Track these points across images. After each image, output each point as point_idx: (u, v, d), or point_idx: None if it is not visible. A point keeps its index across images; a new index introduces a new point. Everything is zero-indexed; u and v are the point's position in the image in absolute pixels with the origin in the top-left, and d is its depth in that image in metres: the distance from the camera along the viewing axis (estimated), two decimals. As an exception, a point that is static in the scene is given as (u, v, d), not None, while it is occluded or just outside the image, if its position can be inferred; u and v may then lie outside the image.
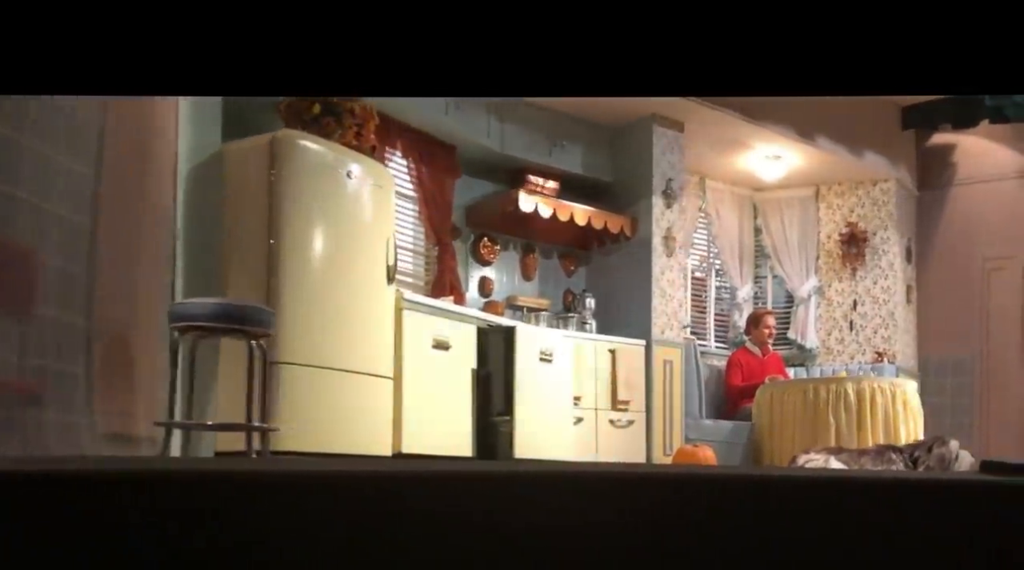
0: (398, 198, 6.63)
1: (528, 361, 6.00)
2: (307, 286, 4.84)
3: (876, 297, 8.86)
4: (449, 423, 5.70)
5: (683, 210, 7.85)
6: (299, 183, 4.83)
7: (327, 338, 4.91)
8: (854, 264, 8.95)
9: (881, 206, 8.93)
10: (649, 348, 7.29)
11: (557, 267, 7.74)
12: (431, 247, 6.77)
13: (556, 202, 7.07)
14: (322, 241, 4.93)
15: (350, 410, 5.03)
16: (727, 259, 9.04)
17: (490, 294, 7.21)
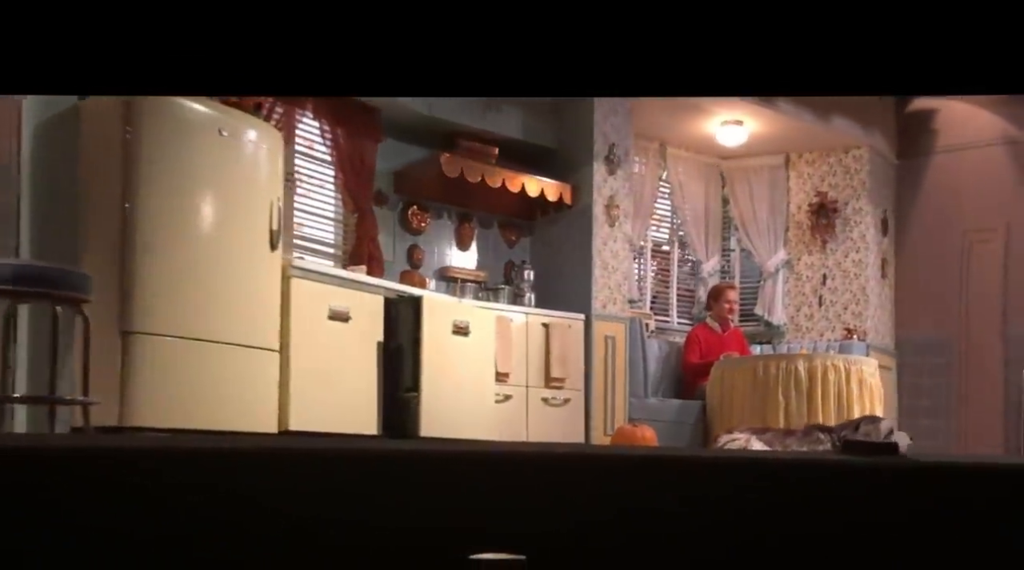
0: (312, 162, 6.29)
1: (439, 334, 5.63)
2: (168, 252, 4.49)
3: (847, 271, 8.39)
4: (349, 399, 5.35)
5: (631, 178, 7.42)
6: (159, 142, 4.47)
7: (194, 307, 4.56)
8: (824, 236, 8.48)
9: (853, 175, 8.44)
10: (589, 323, 6.89)
11: (497, 237, 7.35)
12: (350, 215, 6.40)
13: (485, 167, 6.67)
14: (188, 205, 4.57)
15: (226, 384, 4.70)
16: (691, 231, 8.60)
17: (419, 265, 6.84)
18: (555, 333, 6.59)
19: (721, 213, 8.80)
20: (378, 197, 6.62)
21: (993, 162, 8.44)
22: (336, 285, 5.33)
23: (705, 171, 8.69)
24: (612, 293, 7.04)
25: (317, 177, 6.38)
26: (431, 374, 5.53)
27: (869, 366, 6.86)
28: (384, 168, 6.68)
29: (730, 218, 8.79)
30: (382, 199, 6.65)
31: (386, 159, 6.67)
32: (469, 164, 6.54)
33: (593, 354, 6.86)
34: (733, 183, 8.74)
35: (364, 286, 5.51)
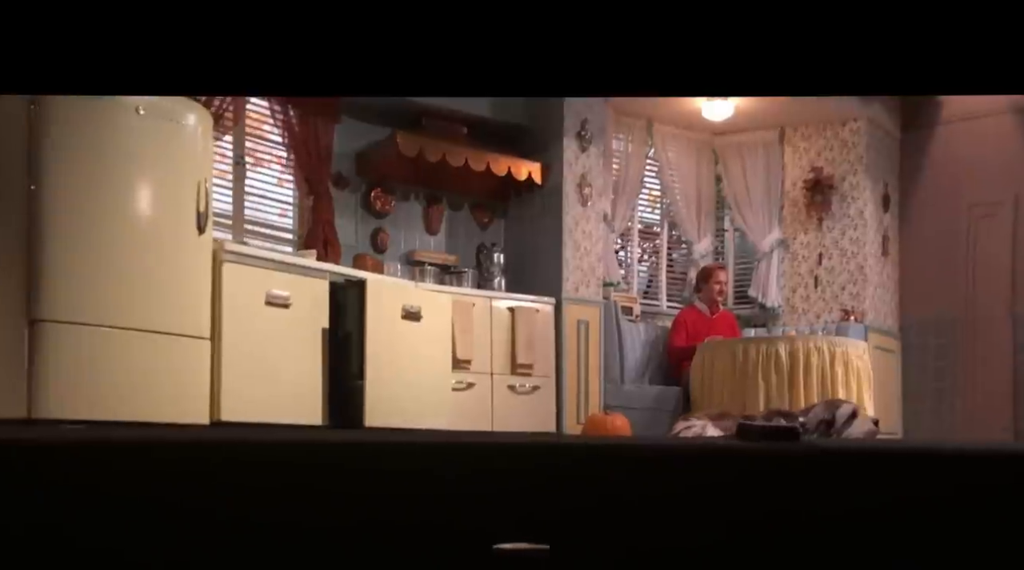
0: (264, 144, 6.09)
1: (386, 319, 5.40)
2: (81, 237, 4.30)
3: (844, 250, 8.02)
4: (290, 388, 5.14)
5: (606, 155, 7.13)
6: (68, 119, 4.28)
7: (111, 294, 4.37)
8: (820, 213, 8.11)
9: (850, 149, 8.06)
10: (559, 307, 6.62)
11: (469, 220, 7.10)
12: (304, 198, 6.19)
13: (447, 146, 6.42)
14: (103, 186, 4.38)
15: (151, 373, 4.50)
16: (681, 210, 8.28)
17: (384, 249, 6.62)
18: (521, 318, 6.34)
19: (714, 192, 8.47)
20: (338, 179, 6.41)
21: (1000, 132, 8.02)
22: (274, 270, 5.11)
23: (696, 148, 8.36)
24: (585, 275, 6.77)
25: (270, 160, 6.17)
26: (377, 361, 5.31)
27: (856, 348, 6.53)
28: (346, 149, 6.47)
29: (723, 197, 8.46)
30: (343, 182, 6.44)
31: (348, 140, 6.46)
32: (429, 143, 6.30)
33: (564, 339, 6.60)
34: (726, 160, 8.40)
35: (306, 270, 5.28)
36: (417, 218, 6.84)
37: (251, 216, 6.02)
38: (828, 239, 8.07)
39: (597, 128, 6.86)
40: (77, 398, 4.24)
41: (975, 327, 8.04)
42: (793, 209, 8.23)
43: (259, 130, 6.07)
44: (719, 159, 8.41)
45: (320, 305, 5.34)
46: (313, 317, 5.29)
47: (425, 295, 5.73)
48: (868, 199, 7.99)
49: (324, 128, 6.16)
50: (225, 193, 5.87)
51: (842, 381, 6.33)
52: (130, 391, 4.45)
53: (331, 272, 5.44)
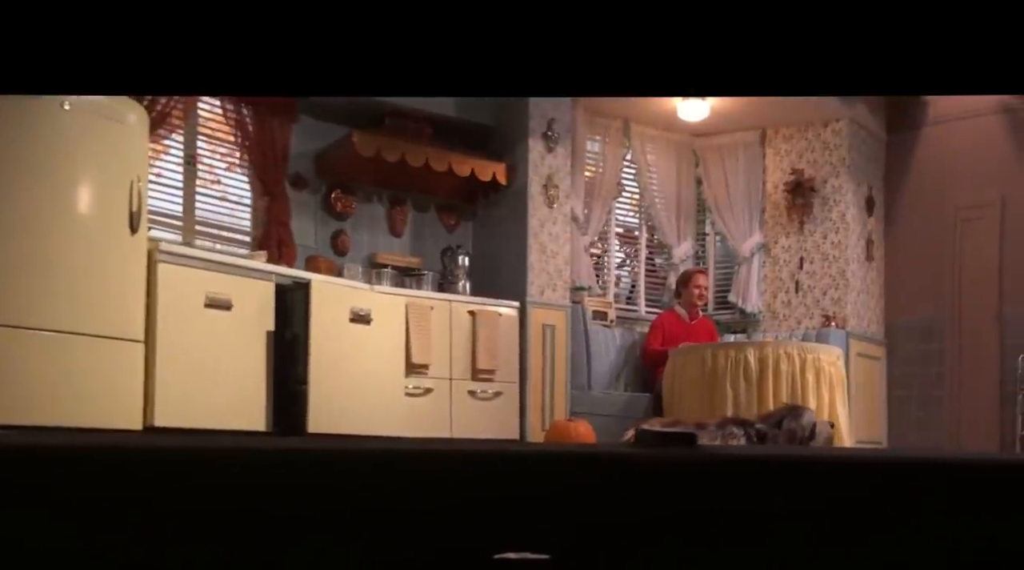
0: (218, 144, 5.96)
1: (332, 322, 5.26)
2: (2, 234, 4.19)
3: (826, 254, 7.82)
4: (230, 393, 5.00)
5: (573, 156, 6.96)
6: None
7: (35, 295, 4.26)
8: (802, 217, 7.91)
9: (833, 150, 7.86)
10: (524, 311, 6.46)
11: (435, 222, 6.95)
12: (259, 199, 6.06)
13: (407, 146, 6.28)
14: (22, 184, 4.26)
15: (78, 377, 4.38)
16: (660, 214, 8.11)
17: (345, 251, 6.47)
18: (482, 322, 6.17)
19: (695, 194, 8.29)
20: (296, 180, 6.27)
21: (988, 133, 7.80)
22: (215, 271, 4.98)
23: (676, 150, 8.19)
24: (551, 279, 6.60)
25: (223, 160, 6.05)
26: (322, 365, 5.17)
27: (829, 354, 6.33)
28: (306, 150, 6.34)
29: (704, 200, 8.28)
30: (301, 182, 6.31)
31: (307, 140, 6.33)
32: (387, 143, 6.16)
33: (529, 344, 6.43)
34: (706, 162, 8.22)
35: (249, 272, 5.15)
36: (380, 220, 6.70)
37: (203, 217, 5.88)
38: (810, 243, 7.87)
39: (564, 128, 6.70)
40: (2, 402, 4.12)
41: (961, 333, 7.82)
42: (774, 212, 8.04)
43: (212, 129, 5.93)
44: (700, 161, 8.23)
45: (265, 308, 5.20)
46: (257, 320, 5.15)
47: (377, 298, 5.58)
48: (851, 202, 7.79)
49: (281, 128, 6.03)
50: (175, 194, 5.74)
51: (813, 388, 6.13)
52: (58, 395, 4.32)
53: (277, 274, 5.29)
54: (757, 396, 6.11)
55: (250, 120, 5.88)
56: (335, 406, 5.19)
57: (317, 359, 5.14)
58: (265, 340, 5.18)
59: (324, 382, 5.15)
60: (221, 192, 6.02)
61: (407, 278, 6.29)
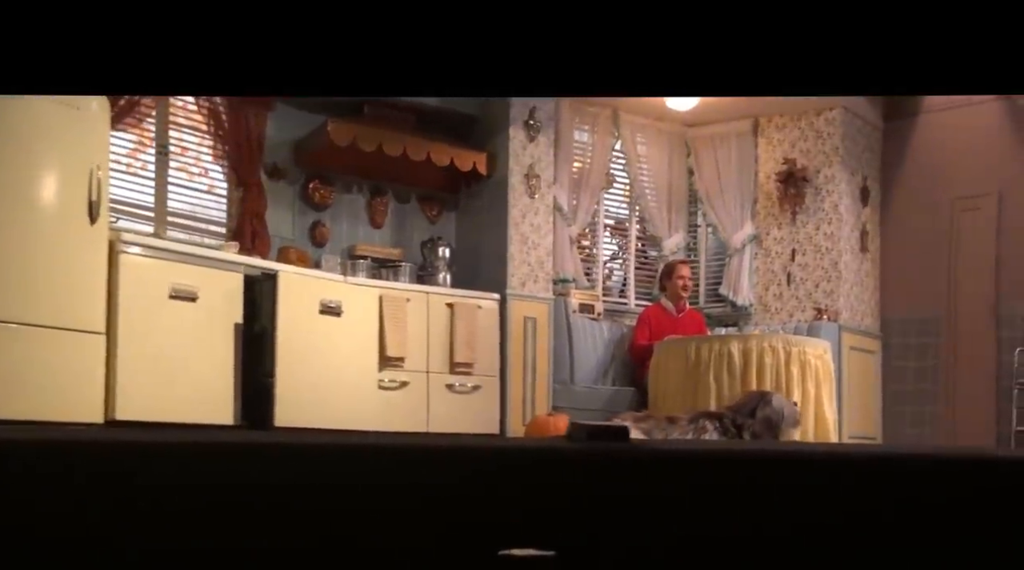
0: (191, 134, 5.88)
1: (301, 314, 5.18)
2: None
3: (818, 245, 7.68)
4: (197, 386, 4.93)
5: (556, 145, 6.84)
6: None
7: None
8: (794, 208, 7.77)
9: (825, 139, 7.71)
10: (504, 303, 6.35)
11: (417, 213, 6.85)
12: (234, 190, 5.97)
13: (385, 135, 6.18)
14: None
15: (36, 369, 4.32)
16: (650, 205, 7.98)
17: (324, 242, 6.39)
18: (460, 314, 6.07)
19: (687, 185, 8.16)
20: (274, 171, 6.19)
21: (986, 120, 7.64)
22: (180, 262, 4.90)
23: (668, 140, 8.06)
24: (533, 270, 6.50)
25: (197, 149, 5.96)
26: (289, 357, 5.09)
27: (815, 347, 6.19)
28: (284, 139, 6.26)
29: (695, 190, 8.14)
30: (278, 173, 6.22)
31: (285, 130, 6.24)
32: (364, 131, 6.06)
33: (509, 337, 6.32)
34: (698, 152, 8.09)
35: (217, 263, 5.07)
36: (360, 211, 6.60)
37: (177, 209, 5.80)
38: (802, 234, 7.73)
39: (546, 117, 6.59)
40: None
41: (957, 326, 7.67)
42: (767, 203, 7.90)
43: (185, 119, 5.85)
44: (691, 151, 8.10)
45: (233, 299, 5.12)
46: (225, 312, 5.08)
47: (349, 289, 5.49)
48: (844, 192, 7.64)
49: (256, 117, 5.95)
50: (147, 184, 5.66)
51: (798, 381, 6.00)
52: (15, 388, 4.26)
53: (246, 265, 5.21)
54: (741, 389, 5.98)
55: (224, 110, 5.79)
56: (303, 399, 5.11)
57: (285, 351, 5.06)
58: (233, 332, 5.10)
59: (292, 375, 5.07)
60: (195, 183, 5.93)
61: (384, 270, 6.20)
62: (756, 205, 7.93)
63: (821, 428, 6.12)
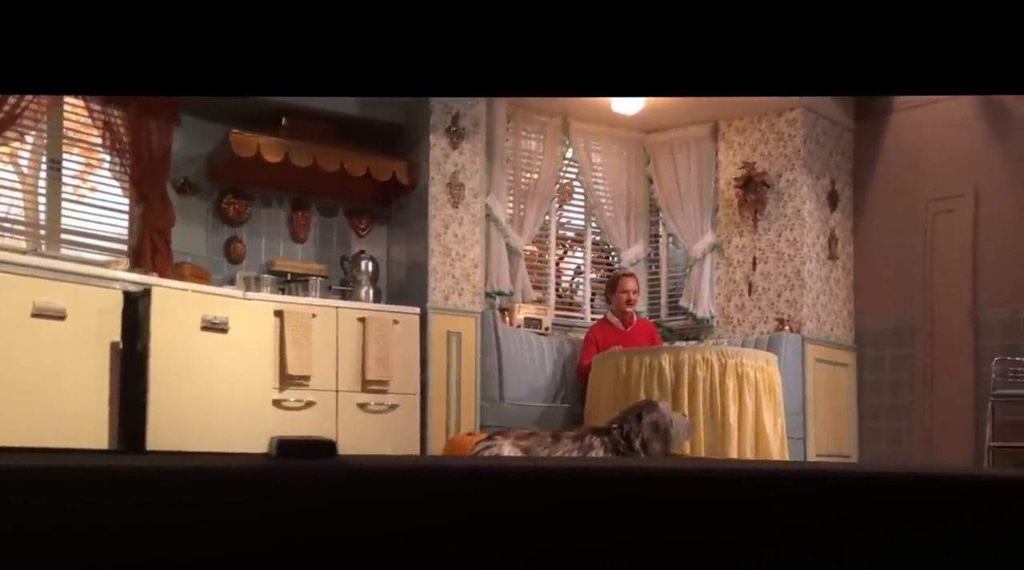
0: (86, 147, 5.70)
1: (180, 331, 4.93)
2: None
3: (781, 253, 7.26)
4: (67, 408, 4.68)
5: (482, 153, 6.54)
6: None
7: None
8: (755, 214, 7.37)
9: (787, 141, 7.31)
10: (425, 317, 6.05)
11: (344, 226, 6.59)
12: (135, 205, 5.77)
13: (291, 145, 5.94)
14: None
15: None
16: (605, 215, 7.64)
17: (240, 259, 6.15)
18: (373, 329, 5.78)
19: (646, 193, 7.80)
20: (184, 186, 5.98)
21: (960, 116, 7.17)
22: (44, 278, 4.67)
23: (626, 147, 7.73)
24: (458, 283, 6.19)
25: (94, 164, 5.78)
26: (166, 377, 4.83)
27: (755, 359, 5.79)
28: (196, 153, 6.06)
29: (655, 199, 7.78)
30: (190, 188, 6.01)
31: (196, 144, 6.04)
32: (269, 142, 5.82)
33: (431, 353, 6.01)
34: (657, 159, 7.73)
35: (89, 280, 4.84)
36: (281, 225, 6.36)
37: (73, 226, 5.61)
38: (764, 242, 7.32)
39: (471, 123, 6.29)
40: None
41: (934, 336, 7.18)
42: (728, 210, 7.51)
43: (79, 132, 5.67)
44: (650, 158, 7.75)
45: (110, 317, 4.89)
46: (99, 330, 4.84)
47: (240, 305, 5.23)
48: (807, 196, 7.22)
49: (160, 130, 5.74)
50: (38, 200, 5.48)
51: (734, 395, 5.61)
52: None
53: (124, 281, 4.98)
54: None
55: (121, 122, 5.59)
56: (182, 420, 4.84)
57: (160, 371, 4.81)
58: (109, 352, 4.86)
59: (168, 396, 4.82)
60: (93, 199, 5.74)
61: (294, 285, 5.93)
62: (717, 213, 7.55)
63: (762, 444, 5.71)
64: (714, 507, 1.23)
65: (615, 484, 1.34)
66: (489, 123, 6.66)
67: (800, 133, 7.24)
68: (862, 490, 1.32)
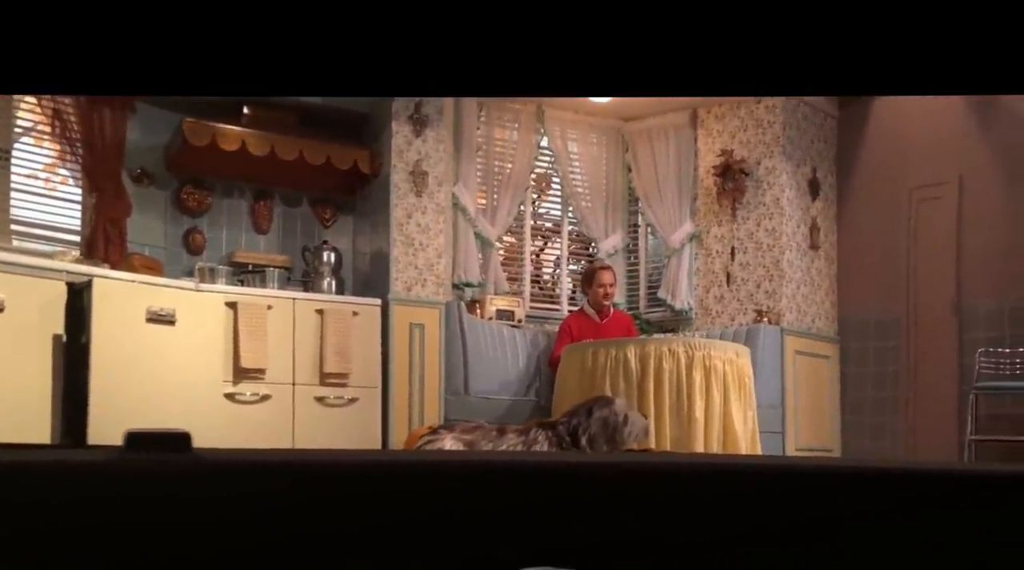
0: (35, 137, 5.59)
1: (124, 323, 4.81)
2: None
3: (760, 242, 7.09)
4: (3, 402, 4.57)
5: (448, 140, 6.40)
6: None
7: None
8: (734, 203, 7.20)
9: (766, 128, 7.14)
10: (386, 309, 5.91)
11: (309, 217, 6.46)
12: (88, 196, 5.66)
13: (246, 134, 5.81)
14: None
15: None
16: (582, 205, 7.48)
17: (199, 250, 6.04)
18: (331, 321, 5.65)
19: (625, 183, 7.64)
20: (141, 175, 5.86)
21: (944, 104, 6.99)
22: (-19, 270, 4.57)
23: (604, 136, 7.57)
24: (421, 273, 6.05)
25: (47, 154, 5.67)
26: (108, 370, 4.72)
27: (724, 351, 5.63)
28: (154, 143, 5.94)
29: (633, 188, 7.62)
30: (147, 178, 5.89)
31: (154, 133, 5.92)
32: (224, 131, 5.70)
33: (393, 345, 5.88)
34: (636, 147, 7.57)
35: (30, 270, 4.72)
36: (243, 216, 6.24)
37: (25, 217, 5.50)
38: (743, 231, 7.15)
39: (435, 110, 6.15)
40: None
41: (918, 327, 7.00)
42: (707, 199, 7.34)
43: (29, 121, 5.56)
44: (629, 147, 7.59)
45: (53, 309, 4.77)
46: (42, 322, 4.73)
47: (190, 297, 5.11)
48: (787, 184, 7.05)
49: (114, 118, 5.63)
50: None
51: (700, 388, 5.45)
52: None
53: (68, 273, 4.86)
54: (639, 397, 5.47)
55: (72, 111, 5.48)
56: (127, 414, 4.72)
57: (101, 363, 4.69)
58: (52, 344, 4.75)
59: (110, 389, 4.70)
60: (44, 189, 5.64)
61: (252, 276, 5.81)
62: (696, 202, 7.38)
63: (730, 438, 5.56)
64: (691, 503, 1.19)
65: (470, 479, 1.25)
66: (457, 111, 6.53)
67: (779, 120, 7.07)
68: (838, 486, 1.27)
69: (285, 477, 1.43)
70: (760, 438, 5.79)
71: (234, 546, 1.31)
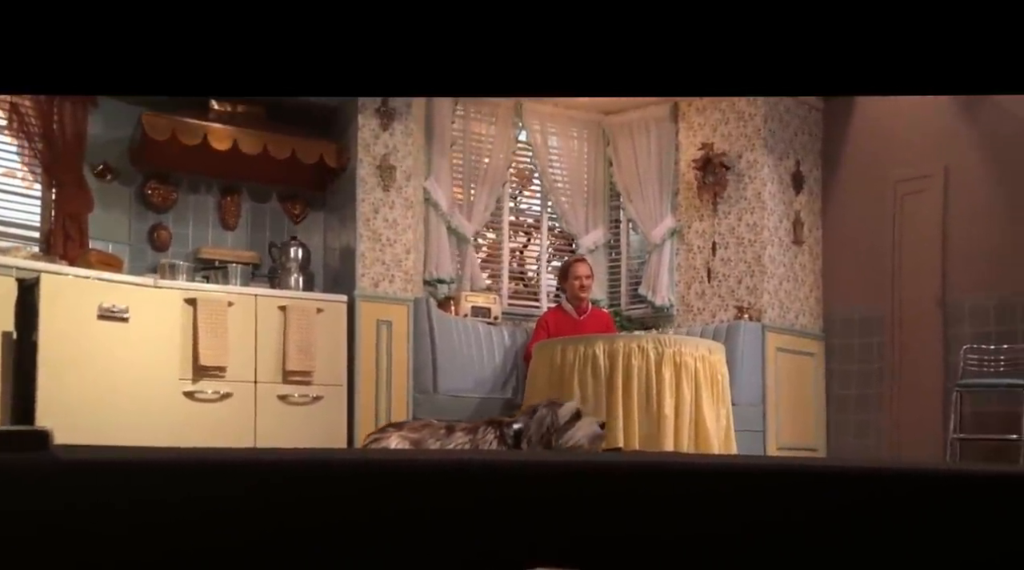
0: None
1: (74, 320, 4.72)
2: None
3: (741, 237, 6.95)
4: (-49, 400, 4.50)
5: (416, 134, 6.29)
6: None
7: None
8: (715, 197, 7.06)
9: (747, 121, 7.00)
10: (353, 305, 5.80)
11: (278, 212, 6.36)
12: (47, 191, 5.57)
13: (210, 128, 5.71)
14: None
15: None
16: (561, 199, 7.36)
17: (165, 247, 5.94)
18: (294, 318, 5.54)
19: (606, 177, 7.52)
20: (104, 170, 5.77)
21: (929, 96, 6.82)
22: (-75, 265, 4.48)
23: (584, 130, 7.45)
24: (389, 270, 5.93)
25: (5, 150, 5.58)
26: (57, 368, 4.62)
27: (695, 348, 5.49)
28: (117, 137, 5.85)
29: (615, 183, 7.50)
30: (110, 172, 5.80)
31: (117, 127, 5.83)
32: (185, 125, 5.60)
33: (359, 342, 5.77)
34: (617, 141, 7.44)
35: (-25, 266, 4.64)
36: (210, 212, 6.14)
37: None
38: (724, 226, 7.01)
39: (403, 103, 6.04)
40: None
41: (903, 323, 6.85)
42: (688, 194, 7.21)
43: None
44: (610, 141, 7.46)
45: (2, 306, 4.68)
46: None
47: (144, 293, 5.01)
48: (768, 178, 6.91)
49: (75, 112, 5.54)
50: (-56, 186, 5.30)
51: (670, 385, 5.32)
52: None
53: (17, 268, 4.77)
54: (607, 394, 5.35)
55: (30, 105, 5.39)
56: (78, 412, 4.63)
57: (51, 361, 4.60)
58: (1, 342, 4.66)
59: (59, 387, 4.60)
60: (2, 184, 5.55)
61: (215, 272, 5.71)
62: (677, 196, 7.25)
63: (701, 437, 5.42)
64: (681, 503, 1.19)
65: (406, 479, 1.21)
66: (429, 105, 6.42)
67: (760, 112, 6.93)
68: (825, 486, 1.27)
69: (153, 476, 1.34)
70: (740, 436, 5.66)
71: (93, 549, 1.22)
